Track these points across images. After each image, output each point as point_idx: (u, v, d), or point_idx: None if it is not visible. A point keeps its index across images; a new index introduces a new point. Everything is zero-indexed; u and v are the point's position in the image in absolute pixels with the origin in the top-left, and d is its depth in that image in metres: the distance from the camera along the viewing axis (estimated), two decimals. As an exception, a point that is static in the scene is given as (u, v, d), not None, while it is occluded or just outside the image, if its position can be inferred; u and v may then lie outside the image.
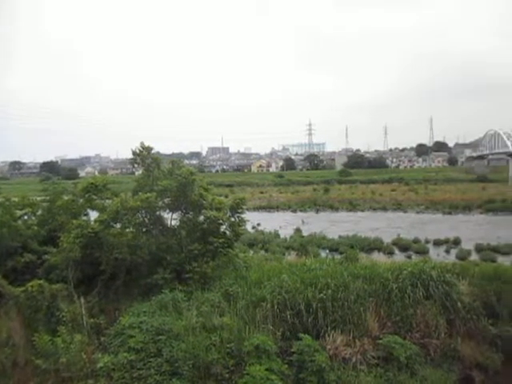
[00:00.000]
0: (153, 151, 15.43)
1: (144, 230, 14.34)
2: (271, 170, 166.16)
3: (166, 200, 14.26)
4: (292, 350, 9.80)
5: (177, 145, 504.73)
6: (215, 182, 77.32)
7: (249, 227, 32.64)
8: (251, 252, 24.04)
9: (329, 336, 10.46)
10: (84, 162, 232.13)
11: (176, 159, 16.04)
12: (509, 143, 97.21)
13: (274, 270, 13.49)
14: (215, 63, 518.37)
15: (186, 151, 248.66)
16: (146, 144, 15.09)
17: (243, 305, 11.33)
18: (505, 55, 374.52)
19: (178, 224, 14.61)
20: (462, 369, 10.89)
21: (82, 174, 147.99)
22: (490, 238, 30.18)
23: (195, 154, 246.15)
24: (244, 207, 15.07)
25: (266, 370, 8.88)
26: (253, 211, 52.86)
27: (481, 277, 13.39)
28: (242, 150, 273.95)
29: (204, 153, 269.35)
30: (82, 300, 11.46)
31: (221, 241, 13.44)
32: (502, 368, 11.28)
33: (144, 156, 14.89)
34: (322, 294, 11.18)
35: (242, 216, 14.79)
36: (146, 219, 14.20)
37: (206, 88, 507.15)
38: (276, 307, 11.06)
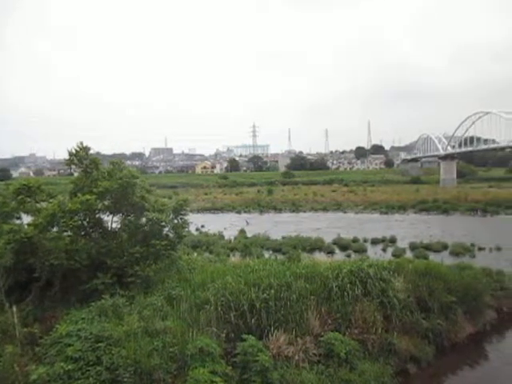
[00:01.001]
0: (92, 151, 14.88)
1: (83, 233, 13.79)
2: (216, 171, 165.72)
3: (107, 202, 13.80)
4: (236, 352, 9.85)
5: (119, 145, 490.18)
6: (158, 184, 75.77)
7: (193, 229, 32.39)
8: (195, 254, 23.79)
9: (272, 335, 10.63)
10: (17, 161, 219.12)
11: (116, 160, 15.53)
12: (439, 147, 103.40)
13: (217, 271, 13.49)
14: (163, 64, 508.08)
15: (128, 152, 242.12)
16: (85, 144, 14.51)
17: (186, 308, 11.24)
18: (437, 65, 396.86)
19: (119, 227, 14.19)
20: (398, 362, 11.47)
21: (15, 174, 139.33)
22: (422, 236, 31.91)
23: (138, 155, 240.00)
24: (187, 209, 14.93)
25: (210, 372, 8.86)
26: (197, 213, 52.44)
27: (414, 273, 14.18)
28: (186, 151, 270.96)
29: (147, 154, 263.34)
30: (15, 309, 10.79)
31: (163, 243, 13.23)
32: (433, 360, 12.03)
33: (82, 156, 14.29)
34: (265, 295, 11.33)
35: (186, 218, 14.63)
36: (84, 222, 13.65)
37: (153, 88, 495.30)
38: (220, 309, 11.07)
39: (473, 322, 14.04)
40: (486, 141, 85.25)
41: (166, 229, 14.06)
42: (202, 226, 39.28)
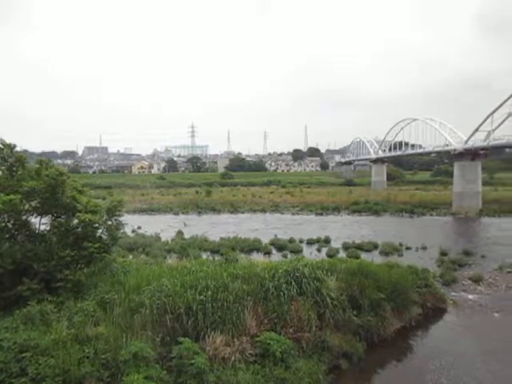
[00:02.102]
0: (18, 149, 14.00)
1: (7, 236, 12.90)
2: (153, 171, 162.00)
3: (34, 203, 13.03)
4: (172, 355, 9.70)
5: (49, 143, 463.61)
6: (92, 184, 73.09)
7: (128, 231, 31.48)
8: (130, 256, 23.14)
9: (209, 337, 10.59)
10: None
11: (45, 158, 14.69)
12: (371, 151, 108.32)
13: (153, 274, 13.22)
14: (100, 60, 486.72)
15: (59, 150, 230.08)
16: (8, 141, 13.58)
17: (120, 312, 10.91)
18: (372, 73, 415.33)
19: (48, 229, 13.45)
20: (331, 358, 11.86)
21: None
22: (355, 237, 33.29)
23: (70, 154, 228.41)
24: (122, 210, 14.47)
25: (145, 378, 8.66)
26: (133, 214, 51.06)
27: (347, 272, 14.73)
28: (121, 151, 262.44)
29: (80, 152, 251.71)
30: None
31: (96, 246, 12.73)
32: (364, 355, 12.57)
33: (6, 154, 13.39)
34: (202, 296, 11.27)
35: (121, 219, 14.18)
36: (9, 224, 12.80)
37: (88, 84, 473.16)
38: (155, 312, 10.86)
39: (400, 317, 14.85)
40: (413, 146, 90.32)
41: (100, 231, 13.54)
42: (139, 228, 38.28)
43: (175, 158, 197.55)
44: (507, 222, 45.62)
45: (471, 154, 57.43)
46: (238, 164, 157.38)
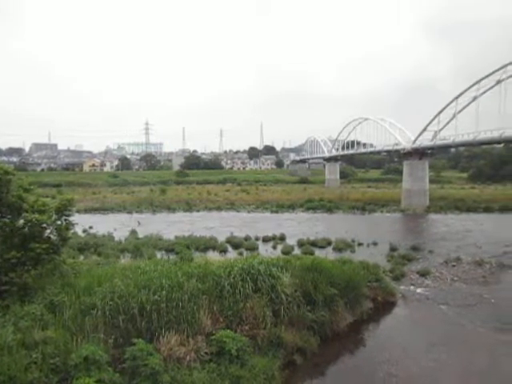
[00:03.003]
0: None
1: None
2: (105, 169, 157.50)
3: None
4: (125, 357, 9.51)
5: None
6: (40, 182, 70.12)
7: (79, 230, 30.48)
8: (82, 257, 22.43)
9: (163, 337, 10.45)
10: None
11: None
12: (325, 149, 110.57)
13: (105, 274, 12.88)
14: (44, 55, 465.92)
15: (4, 147, 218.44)
16: None
17: (70, 315, 10.55)
18: (326, 74, 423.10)
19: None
20: (286, 354, 12.03)
21: None
22: (309, 234, 33.89)
23: (16, 151, 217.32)
24: (73, 209, 14.00)
25: (96, 381, 8.43)
26: (84, 213, 49.45)
27: (301, 269, 14.98)
28: (72, 148, 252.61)
29: (27, 149, 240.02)
30: None
31: (44, 247, 12.24)
32: (318, 349, 12.85)
33: None
34: (156, 296, 11.12)
35: (70, 219, 13.71)
36: None
37: (36, 79, 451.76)
38: (108, 313, 10.60)
39: (352, 311, 15.28)
40: (364, 145, 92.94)
41: (48, 231, 13.03)
42: (90, 228, 37.12)
43: (128, 156, 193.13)
44: (452, 218, 47.99)
45: (419, 154, 59.82)
46: (193, 162, 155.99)
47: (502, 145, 79.61)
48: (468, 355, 13.00)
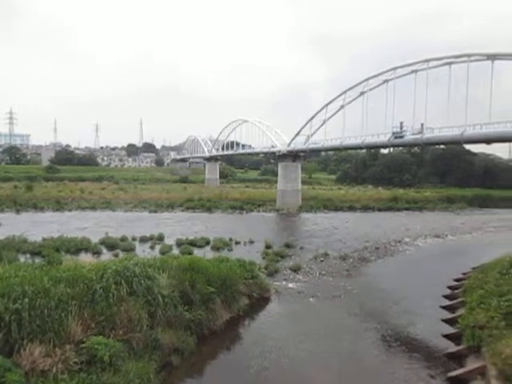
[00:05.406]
0: None
1: None
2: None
3: None
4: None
5: None
6: None
7: None
8: None
9: (25, 350, 9.53)
10: None
11: None
12: (205, 149, 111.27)
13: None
14: None
15: None
16: None
17: None
18: (209, 75, 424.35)
19: None
20: (162, 356, 11.87)
21: None
22: (188, 233, 33.89)
23: None
24: None
25: None
26: None
27: (178, 269, 14.96)
28: None
29: None
30: None
31: None
32: (195, 349, 12.94)
33: None
34: (17, 305, 10.07)
35: None
36: None
37: None
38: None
39: (229, 309, 15.71)
40: (243, 146, 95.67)
41: None
42: None
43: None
44: (321, 217, 52.10)
45: (293, 156, 63.54)
46: (65, 157, 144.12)
47: (364, 150, 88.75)
48: (334, 343, 14.20)
